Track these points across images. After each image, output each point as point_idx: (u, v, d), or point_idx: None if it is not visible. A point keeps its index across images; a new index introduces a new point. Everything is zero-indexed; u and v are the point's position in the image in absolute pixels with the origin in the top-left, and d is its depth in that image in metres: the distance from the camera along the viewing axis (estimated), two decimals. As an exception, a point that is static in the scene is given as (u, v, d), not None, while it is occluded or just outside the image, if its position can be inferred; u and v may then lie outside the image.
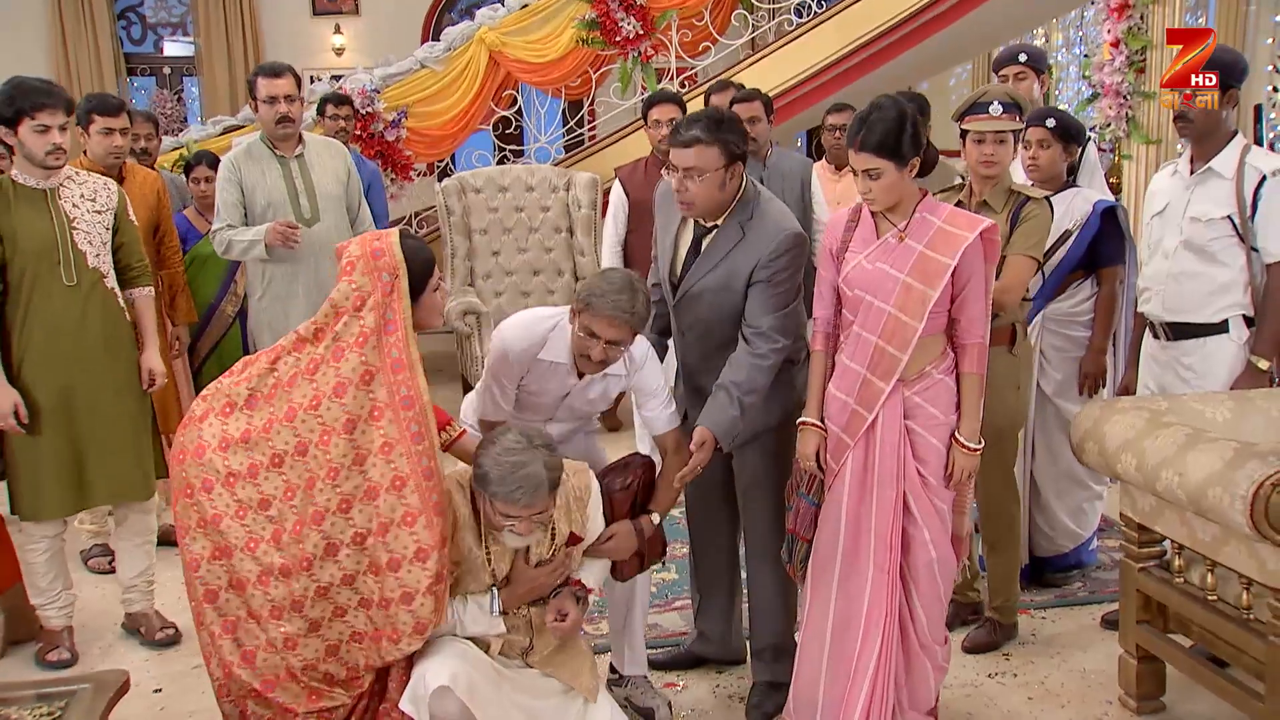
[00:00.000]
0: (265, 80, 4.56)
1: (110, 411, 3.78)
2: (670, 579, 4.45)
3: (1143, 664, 3.35)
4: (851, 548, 2.96)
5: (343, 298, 2.70)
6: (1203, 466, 2.84)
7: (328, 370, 2.67)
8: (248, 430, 2.69)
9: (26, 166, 3.66)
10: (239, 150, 4.68)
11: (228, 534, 2.66)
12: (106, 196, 3.85)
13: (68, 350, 3.69)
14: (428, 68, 7.68)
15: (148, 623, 3.99)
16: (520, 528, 2.76)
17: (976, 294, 2.92)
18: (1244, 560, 2.86)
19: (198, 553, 2.67)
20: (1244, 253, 3.53)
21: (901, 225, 2.95)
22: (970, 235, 2.87)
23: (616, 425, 6.80)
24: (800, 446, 3.10)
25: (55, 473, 3.70)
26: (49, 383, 3.67)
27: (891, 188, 2.92)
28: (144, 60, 11.61)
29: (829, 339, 3.09)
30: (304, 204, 4.59)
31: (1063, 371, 4.10)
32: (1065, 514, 4.21)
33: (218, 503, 2.66)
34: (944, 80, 11.69)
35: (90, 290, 3.74)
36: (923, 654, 3.02)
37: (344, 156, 4.88)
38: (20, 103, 3.58)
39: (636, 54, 7.81)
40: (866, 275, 2.95)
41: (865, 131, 2.89)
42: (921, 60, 8.40)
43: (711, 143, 3.05)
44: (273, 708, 2.72)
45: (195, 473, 2.68)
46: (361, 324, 2.68)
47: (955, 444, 2.96)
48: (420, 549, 2.66)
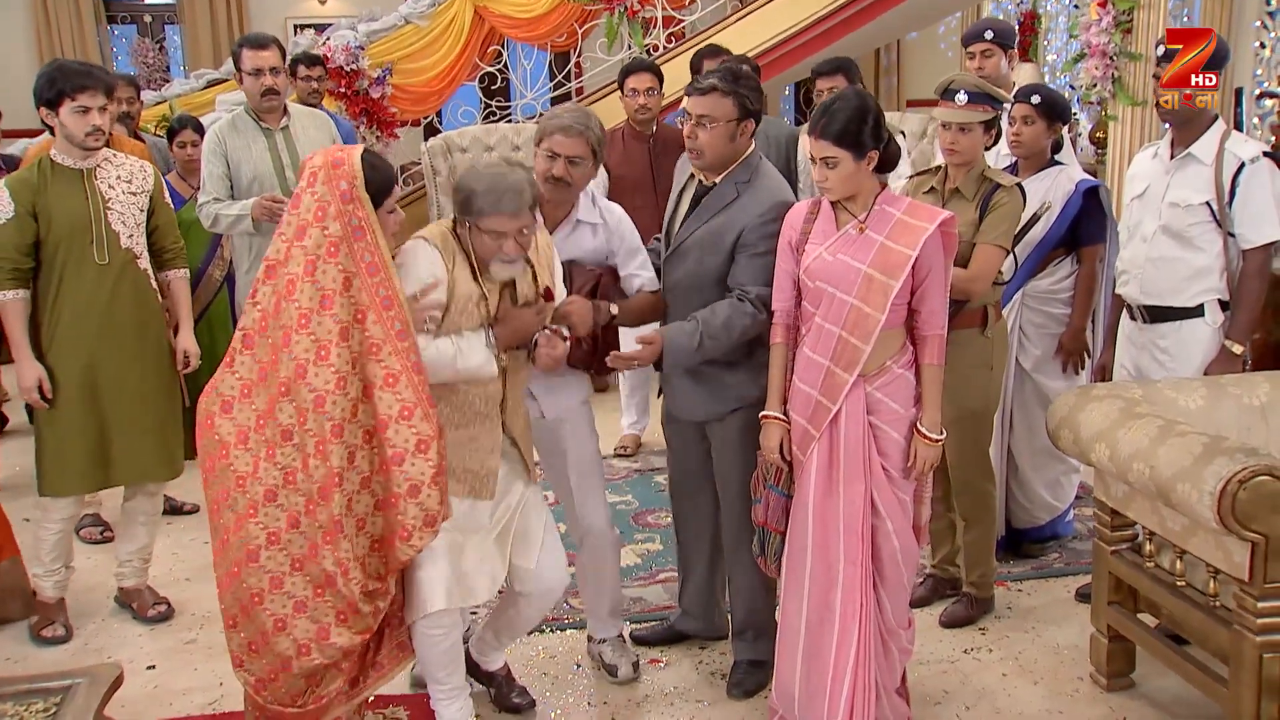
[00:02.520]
0: (250, 52, 4.54)
1: (137, 391, 3.83)
2: (655, 550, 4.52)
3: (1113, 643, 3.44)
4: (821, 541, 3.01)
5: (305, 210, 2.76)
6: (1173, 462, 2.90)
7: (305, 286, 2.72)
8: (262, 367, 2.75)
9: (65, 147, 3.72)
10: (224, 123, 4.66)
11: (265, 478, 2.71)
12: (143, 179, 3.89)
13: (96, 329, 3.74)
14: (412, 23, 7.65)
15: (140, 598, 4.05)
16: (509, 248, 2.89)
17: (936, 286, 2.96)
18: (1211, 551, 2.93)
19: (243, 510, 2.72)
20: (1221, 238, 3.57)
21: (862, 217, 2.98)
22: (930, 226, 2.90)
23: (604, 386, 6.84)
24: (764, 439, 3.13)
25: (80, 450, 3.76)
26: (76, 360, 3.73)
27: (848, 178, 2.95)
28: (124, 8, 11.47)
29: (789, 330, 3.12)
30: (290, 177, 4.59)
31: (1042, 348, 4.15)
32: (1042, 487, 4.29)
33: (247, 457, 2.73)
34: (932, 29, 11.61)
35: (122, 270, 3.79)
36: (889, 639, 3.09)
37: (329, 126, 4.88)
38: (61, 84, 3.64)
39: (623, 8, 7.75)
40: (828, 267, 2.98)
41: (826, 120, 2.93)
42: (908, 14, 8.37)
43: (727, 93, 3.15)
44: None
45: (227, 430, 2.75)
46: (327, 233, 2.73)
47: (917, 434, 3.00)
48: (420, 440, 2.73)
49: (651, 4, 7.93)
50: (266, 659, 2.77)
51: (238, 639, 2.80)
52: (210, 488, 2.80)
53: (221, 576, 2.79)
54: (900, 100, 12.10)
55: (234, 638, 2.81)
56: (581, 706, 3.45)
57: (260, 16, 10.63)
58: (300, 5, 11.09)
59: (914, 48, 12.00)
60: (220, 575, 2.79)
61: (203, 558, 4.56)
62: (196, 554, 4.61)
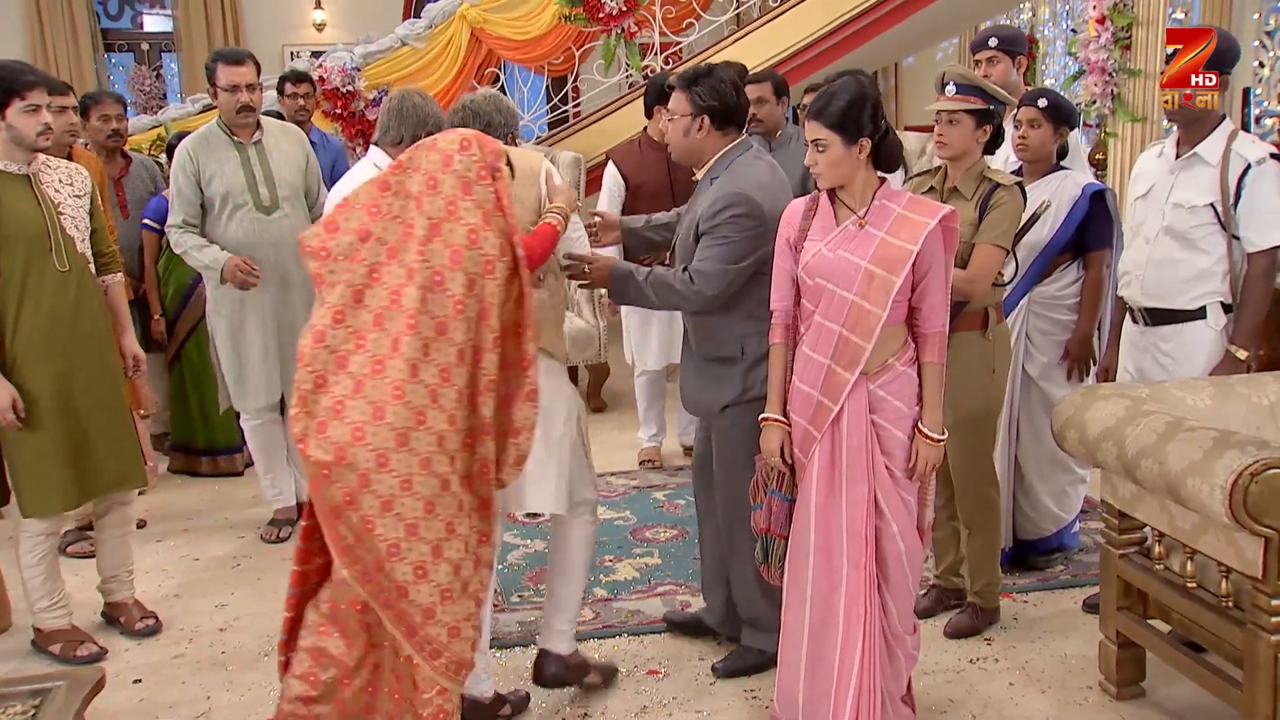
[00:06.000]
0: (226, 68, 4.50)
1: (108, 398, 3.75)
2: (654, 564, 4.45)
3: (1123, 650, 3.36)
4: (824, 545, 2.94)
5: (465, 169, 2.81)
6: (1182, 456, 2.83)
7: (455, 226, 2.77)
8: (412, 322, 2.69)
9: (8, 151, 3.57)
10: (195, 138, 4.61)
11: (434, 423, 2.68)
12: (82, 181, 3.80)
13: (65, 338, 3.63)
14: (409, 45, 7.61)
15: (128, 612, 3.97)
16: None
17: (937, 282, 2.90)
18: (1223, 549, 2.86)
19: (405, 471, 2.65)
20: (1225, 240, 3.52)
21: (861, 212, 2.93)
22: (931, 222, 2.85)
23: (601, 406, 6.79)
24: (764, 443, 3.06)
25: (61, 464, 3.63)
26: (49, 371, 3.60)
27: (837, 163, 2.90)
28: (121, 36, 11.44)
29: (788, 330, 3.05)
30: (263, 192, 4.55)
31: (1048, 354, 4.09)
32: (1048, 496, 4.22)
33: (401, 412, 2.65)
34: (930, 55, 11.63)
35: (81, 276, 3.70)
36: (894, 644, 3.01)
37: (302, 142, 4.84)
38: (9, 84, 3.53)
39: (620, 30, 7.73)
40: (828, 263, 2.92)
41: (822, 103, 2.90)
42: (906, 37, 8.37)
43: (683, 90, 3.34)
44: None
45: (375, 393, 2.65)
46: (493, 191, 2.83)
47: (919, 434, 2.93)
48: (530, 390, 2.87)
49: (649, 27, 7.93)
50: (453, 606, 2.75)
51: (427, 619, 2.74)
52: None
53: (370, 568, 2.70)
54: (899, 125, 12.11)
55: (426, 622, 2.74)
56: (577, 718, 3.37)
57: (257, 42, 10.58)
58: (297, 32, 11.09)
59: (912, 74, 12.01)
60: (366, 568, 2.70)
61: (192, 574, 4.50)
62: (186, 570, 4.55)
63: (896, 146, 2.99)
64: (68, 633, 3.81)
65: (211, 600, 4.25)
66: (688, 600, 4.08)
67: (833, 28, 7.83)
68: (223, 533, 4.96)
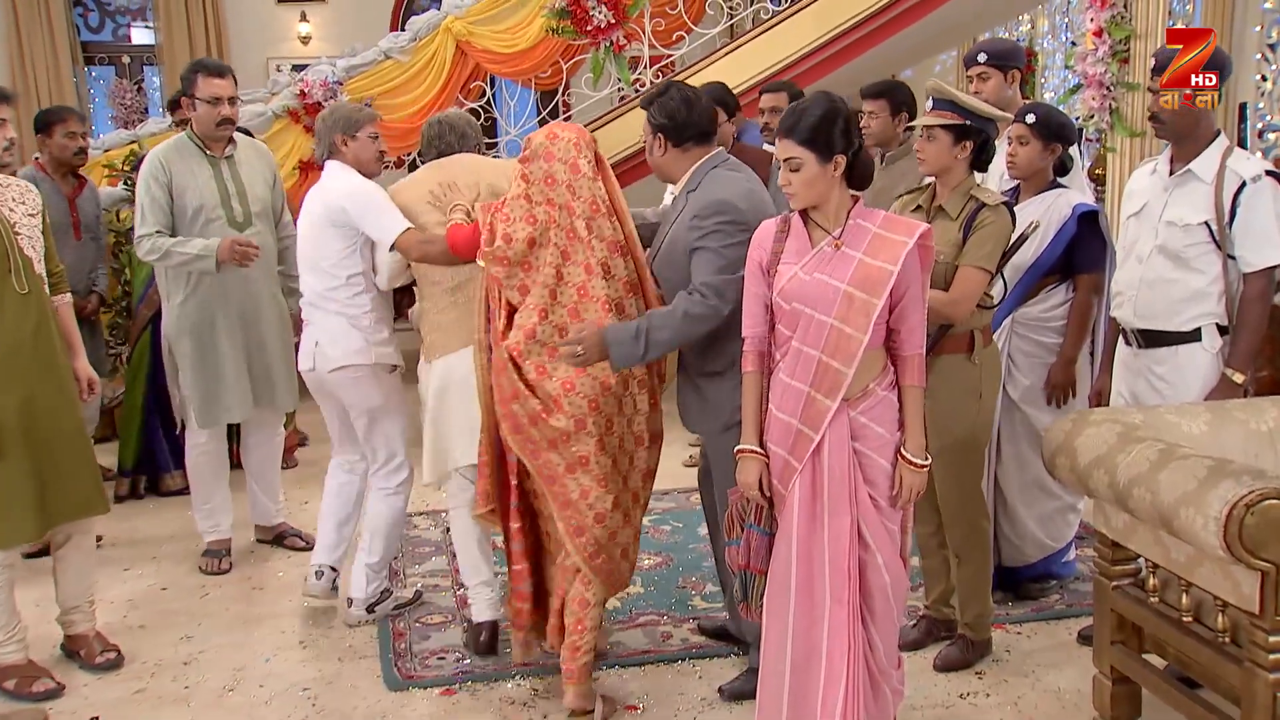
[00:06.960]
0: (207, 79, 4.39)
1: (68, 424, 3.62)
2: (635, 593, 4.31)
3: (1118, 685, 3.23)
4: (805, 580, 2.81)
5: (589, 167, 3.36)
6: (1175, 486, 2.70)
7: (602, 221, 3.32)
8: (606, 307, 3.25)
9: None
10: (166, 147, 4.49)
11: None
12: (33, 199, 3.69)
13: (28, 361, 3.51)
14: (393, 58, 7.50)
15: (88, 646, 3.82)
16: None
17: (915, 303, 2.79)
18: (1219, 582, 2.73)
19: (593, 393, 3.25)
20: (1220, 260, 3.39)
21: (836, 233, 2.81)
22: (910, 241, 2.73)
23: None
24: (741, 476, 2.92)
25: (22, 494, 3.49)
26: (14, 397, 3.47)
27: (811, 182, 2.79)
28: (102, 49, 11.34)
29: (762, 358, 2.92)
30: (236, 207, 4.45)
31: (1031, 378, 3.96)
32: (1033, 523, 4.07)
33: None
34: (928, 68, 11.52)
35: (39, 298, 3.58)
36: (880, 680, 2.88)
37: (270, 159, 4.76)
38: None
39: (609, 44, 7.60)
40: (804, 287, 2.79)
41: (792, 121, 2.80)
42: (901, 49, 8.24)
43: (645, 109, 3.38)
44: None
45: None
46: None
47: (901, 460, 2.81)
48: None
49: (639, 39, 7.81)
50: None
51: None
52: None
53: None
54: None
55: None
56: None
57: (241, 56, 10.50)
58: (282, 45, 11.00)
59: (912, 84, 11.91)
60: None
61: (159, 604, 4.36)
62: (153, 600, 4.41)
63: (869, 164, 2.87)
64: (23, 668, 3.66)
65: (177, 632, 4.10)
66: (669, 631, 3.96)
67: (826, 40, 7.71)
68: (193, 560, 4.79)
